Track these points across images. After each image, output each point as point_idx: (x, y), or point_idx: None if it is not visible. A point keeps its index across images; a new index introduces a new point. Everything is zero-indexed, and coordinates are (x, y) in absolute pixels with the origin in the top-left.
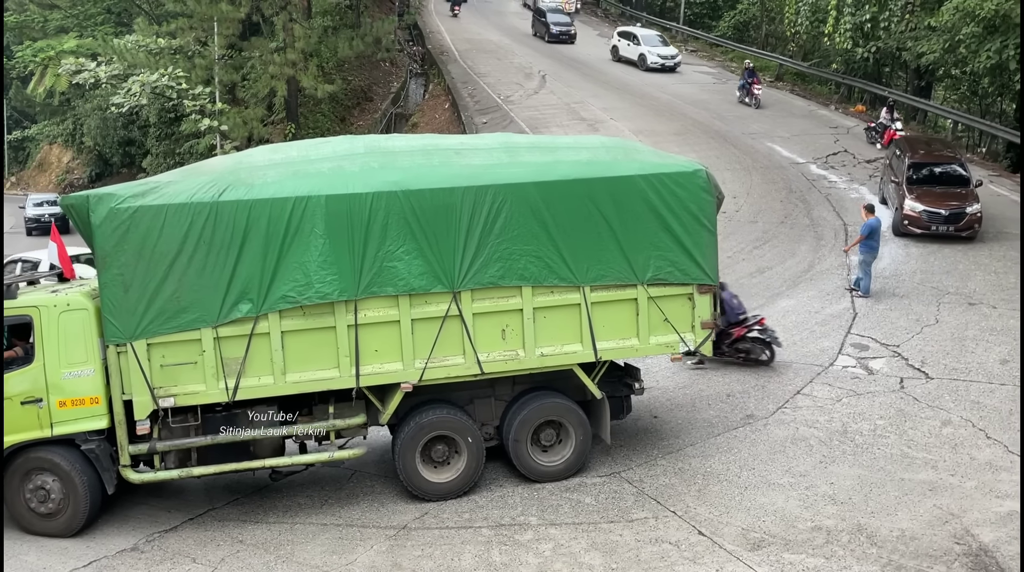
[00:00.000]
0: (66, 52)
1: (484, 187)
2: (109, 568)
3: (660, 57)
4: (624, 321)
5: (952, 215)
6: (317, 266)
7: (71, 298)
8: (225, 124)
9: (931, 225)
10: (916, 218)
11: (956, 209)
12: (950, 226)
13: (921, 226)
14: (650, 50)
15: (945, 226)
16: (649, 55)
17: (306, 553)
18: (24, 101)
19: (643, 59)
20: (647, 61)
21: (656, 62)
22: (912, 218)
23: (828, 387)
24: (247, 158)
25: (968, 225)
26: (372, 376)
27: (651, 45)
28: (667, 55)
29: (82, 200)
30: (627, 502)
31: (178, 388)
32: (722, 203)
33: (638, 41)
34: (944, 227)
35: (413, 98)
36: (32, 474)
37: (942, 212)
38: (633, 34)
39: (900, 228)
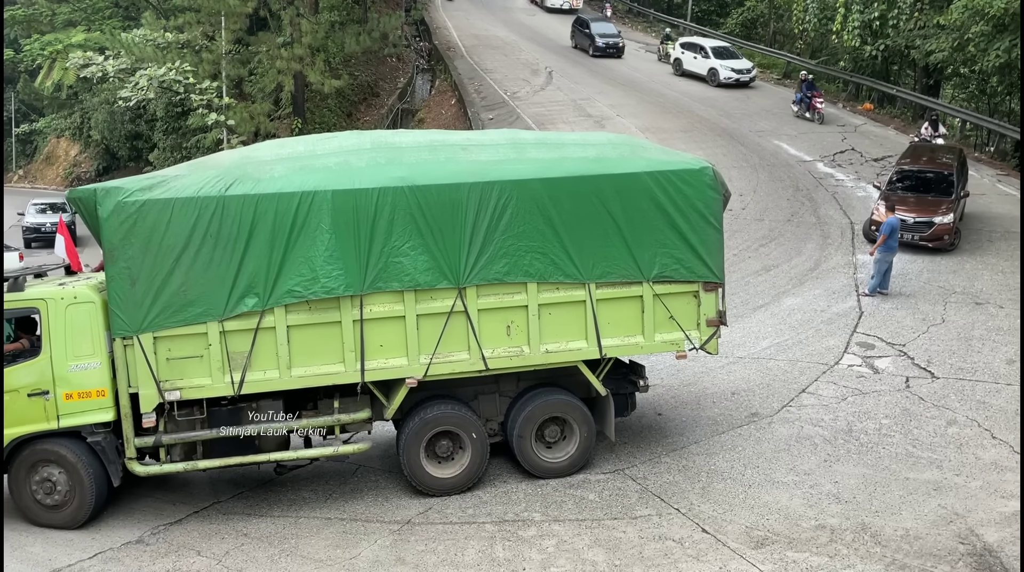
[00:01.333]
0: (74, 46)
1: (490, 183)
2: (114, 560)
3: (734, 71)
4: (629, 318)
5: (918, 224)
6: (323, 261)
7: (78, 291)
8: (232, 119)
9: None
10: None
11: (924, 218)
12: (915, 235)
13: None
14: (722, 64)
15: (911, 234)
16: (721, 69)
17: (310, 547)
18: (32, 95)
19: (714, 74)
20: (719, 76)
21: (730, 77)
22: (878, 224)
23: (833, 386)
24: (254, 153)
25: (936, 236)
26: (377, 371)
27: (722, 58)
28: (741, 68)
29: (89, 193)
30: (631, 499)
31: (184, 381)
32: (728, 201)
33: (707, 53)
34: (909, 235)
35: (419, 94)
36: (38, 466)
37: (907, 219)
38: (700, 46)
39: (867, 233)
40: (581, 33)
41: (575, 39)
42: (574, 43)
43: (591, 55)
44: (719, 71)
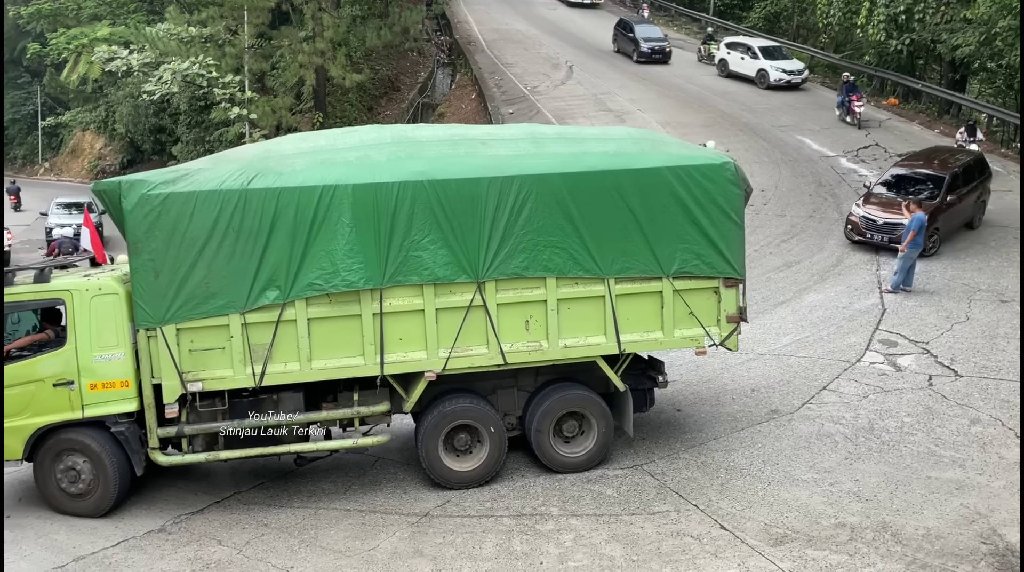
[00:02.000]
0: (99, 40)
1: (510, 178)
2: (137, 548)
3: (785, 72)
4: (649, 314)
5: (887, 225)
6: (344, 254)
7: (103, 283)
8: (254, 113)
9: (866, 232)
10: (855, 223)
11: (893, 220)
12: (884, 236)
13: (859, 232)
14: (772, 65)
15: (880, 235)
16: (772, 71)
17: (329, 538)
18: (58, 88)
19: (763, 76)
20: (769, 78)
21: (780, 79)
22: (852, 223)
23: (855, 383)
24: (276, 146)
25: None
26: (396, 364)
27: (772, 58)
28: (793, 70)
29: (114, 186)
30: (649, 495)
31: (206, 373)
32: (750, 196)
33: (755, 54)
34: (879, 236)
35: (440, 88)
36: (63, 455)
37: (876, 220)
38: (747, 45)
39: (845, 232)
40: (624, 37)
41: (617, 43)
42: (616, 47)
43: (635, 61)
44: (769, 72)
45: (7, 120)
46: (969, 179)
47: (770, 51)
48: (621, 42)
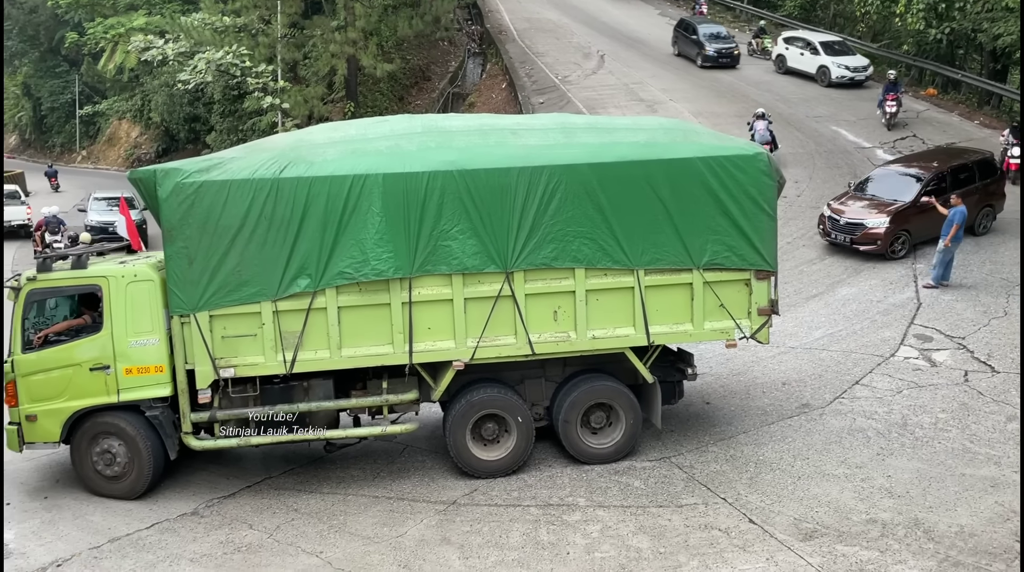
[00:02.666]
0: (135, 29)
1: (539, 168)
2: (170, 531)
3: (848, 69)
4: (678, 306)
5: (848, 225)
6: (373, 243)
7: (138, 269)
8: (287, 102)
9: (832, 232)
10: (823, 221)
11: (855, 220)
12: (846, 236)
13: (825, 231)
14: (834, 61)
15: (842, 235)
16: (833, 67)
17: (358, 524)
18: (95, 77)
19: (824, 73)
20: (830, 75)
21: (843, 76)
22: (822, 221)
23: (888, 378)
24: (307, 136)
25: (868, 239)
26: (425, 353)
27: (834, 54)
28: (856, 66)
29: (149, 174)
30: (677, 487)
31: (238, 359)
32: (783, 188)
33: (815, 49)
34: (841, 236)
35: (470, 78)
36: (99, 438)
37: (839, 219)
38: (807, 40)
39: (818, 230)
40: (686, 39)
41: (678, 46)
42: (676, 50)
43: (700, 66)
44: (831, 69)
45: (46, 108)
46: (963, 182)
47: (832, 46)
48: (682, 44)
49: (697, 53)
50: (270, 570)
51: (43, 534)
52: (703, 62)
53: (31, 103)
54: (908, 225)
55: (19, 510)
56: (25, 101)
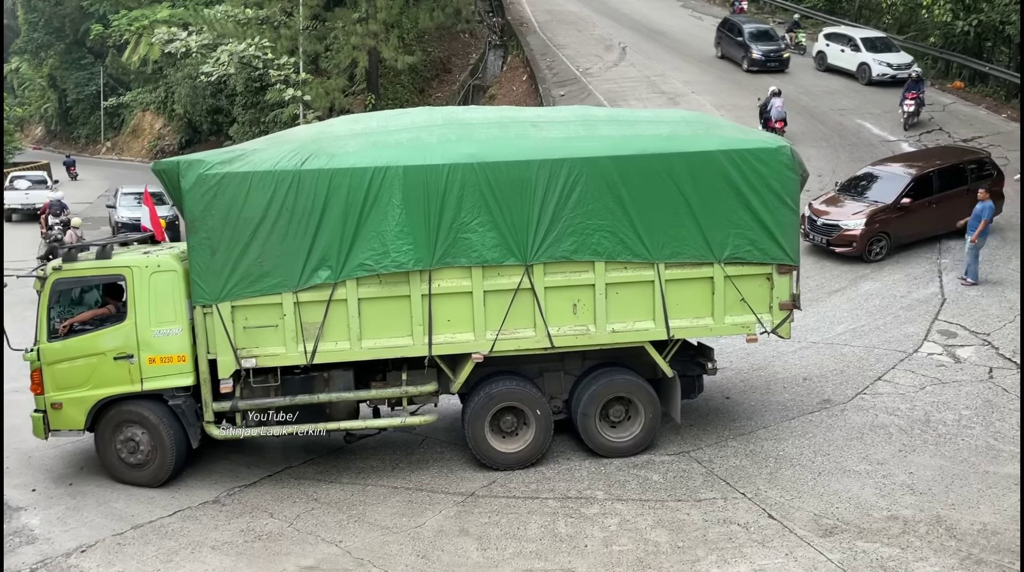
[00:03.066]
0: (159, 21)
1: (560, 160)
2: (192, 519)
3: (890, 67)
4: (699, 300)
5: (824, 226)
6: (394, 235)
7: (161, 260)
8: (308, 94)
9: (810, 233)
10: (803, 222)
11: (831, 221)
12: (823, 238)
13: (805, 232)
14: (875, 58)
15: (819, 237)
16: (874, 64)
17: (377, 514)
18: (119, 69)
19: (865, 70)
20: (871, 72)
21: (884, 74)
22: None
23: (911, 374)
24: (329, 128)
25: (843, 241)
26: (444, 345)
27: (876, 50)
28: (899, 63)
29: (173, 166)
30: (695, 482)
31: (260, 350)
32: (806, 181)
33: (856, 46)
34: (818, 238)
35: (491, 70)
36: (123, 426)
37: (817, 221)
38: (849, 36)
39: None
40: (731, 41)
41: (721, 47)
42: (719, 52)
43: (745, 70)
44: (871, 66)
45: (71, 100)
46: (951, 183)
47: (874, 43)
48: (726, 46)
49: (743, 56)
50: (290, 558)
51: (68, 520)
52: (749, 66)
53: (57, 95)
54: (888, 227)
55: (44, 496)
56: (51, 93)
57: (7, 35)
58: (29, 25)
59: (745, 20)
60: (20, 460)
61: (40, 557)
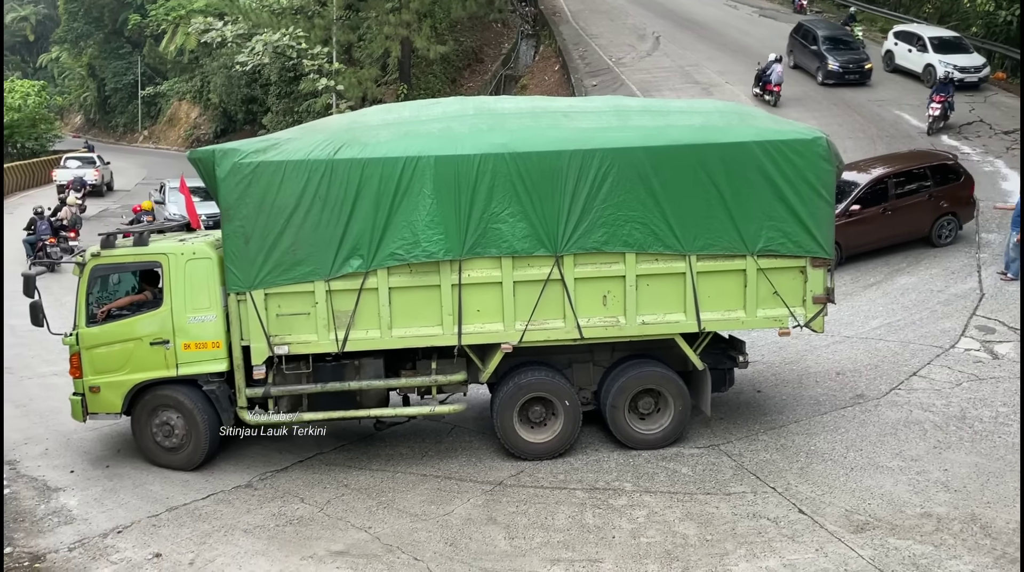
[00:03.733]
0: (195, 11)
1: (591, 151)
2: (225, 502)
3: (957, 70)
4: (731, 292)
5: None
6: (424, 225)
7: (197, 247)
8: (341, 84)
9: None
10: None
11: None
12: None
13: None
14: (942, 59)
15: None
16: (940, 66)
17: (406, 501)
18: (156, 59)
19: (930, 72)
20: (936, 75)
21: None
22: None
23: (947, 370)
24: (361, 118)
25: None
26: (473, 335)
27: (945, 51)
28: (968, 66)
29: (208, 155)
30: (725, 475)
31: (292, 337)
32: (842, 173)
33: (924, 46)
34: None
35: (523, 60)
36: (159, 410)
37: None
38: (918, 35)
39: None
40: (803, 49)
41: (794, 56)
42: (793, 62)
43: (820, 83)
44: (937, 69)
45: (109, 89)
46: (911, 189)
47: (943, 43)
48: (799, 55)
49: (817, 67)
50: (320, 543)
51: (105, 501)
52: (824, 78)
53: (95, 84)
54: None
55: (83, 478)
56: (90, 82)
57: (47, 24)
58: (69, 15)
59: (821, 25)
60: (59, 442)
61: (78, 537)
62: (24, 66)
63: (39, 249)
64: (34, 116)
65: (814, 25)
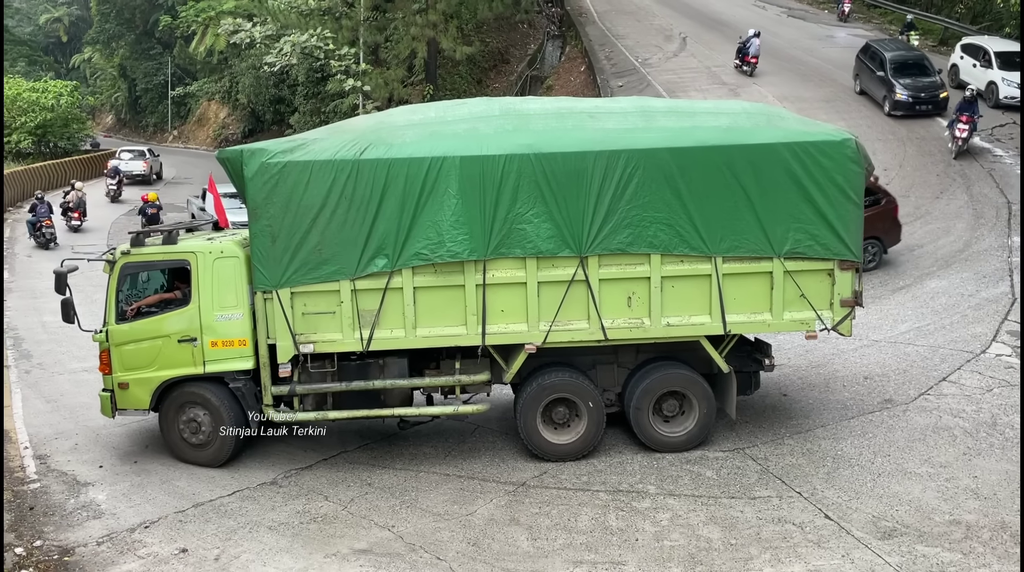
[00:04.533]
0: (225, 13)
1: (617, 152)
2: (250, 499)
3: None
4: (757, 295)
5: None
6: (449, 225)
7: (224, 246)
8: (368, 84)
9: None
10: None
11: None
12: None
13: None
14: (1005, 76)
15: None
16: (1002, 84)
17: (429, 500)
18: (186, 59)
19: (993, 90)
20: (998, 93)
21: (1013, 96)
22: None
23: (978, 375)
24: (388, 118)
25: None
26: (497, 335)
27: (1010, 67)
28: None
29: (236, 154)
30: (750, 479)
31: (317, 336)
32: (871, 174)
33: (989, 60)
34: None
35: (549, 60)
36: (186, 407)
37: None
38: (983, 49)
39: None
40: (870, 74)
41: (860, 81)
42: (858, 87)
43: (887, 113)
44: (999, 86)
45: (140, 89)
46: None
47: (1010, 58)
48: (865, 80)
49: (884, 96)
50: (344, 541)
51: (132, 496)
52: (892, 109)
53: (127, 84)
54: None
55: (111, 473)
56: (121, 82)
57: (80, 26)
58: (101, 16)
59: (889, 45)
60: (89, 437)
61: (106, 531)
62: (57, 66)
63: (37, 229)
64: (67, 116)
65: (881, 46)
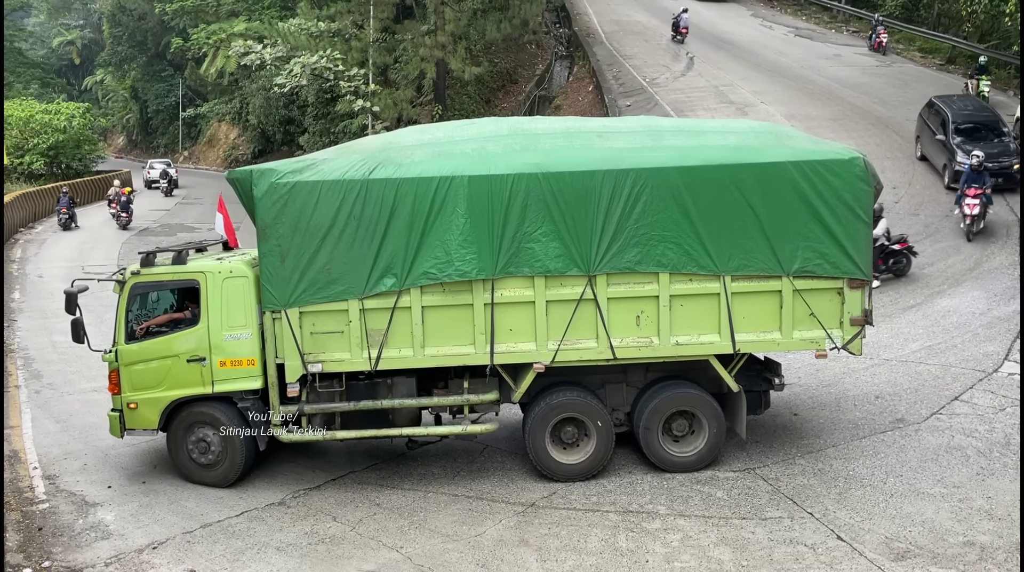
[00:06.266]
0: (236, 35)
1: (624, 171)
2: (259, 520)
3: None
4: (766, 313)
5: None
6: (458, 245)
7: (234, 266)
8: (377, 105)
9: None
10: None
11: None
12: None
13: None
14: None
15: None
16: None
17: (438, 521)
18: (197, 81)
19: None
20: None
21: None
22: None
23: (991, 395)
24: (396, 138)
25: None
26: (506, 354)
27: None
28: None
29: (246, 175)
30: (761, 499)
31: (326, 355)
32: (880, 194)
33: None
34: None
35: (557, 80)
36: (195, 427)
37: None
38: None
39: None
40: (931, 137)
41: (921, 144)
42: (919, 151)
43: (946, 186)
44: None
45: (152, 111)
46: None
47: None
48: (926, 143)
49: (944, 165)
50: (352, 562)
51: (141, 517)
52: (952, 181)
53: (138, 105)
54: None
55: (119, 493)
56: (133, 104)
57: (92, 48)
58: (114, 39)
59: (955, 102)
60: (98, 457)
61: (114, 552)
62: (70, 88)
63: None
64: (78, 137)
65: (946, 104)
